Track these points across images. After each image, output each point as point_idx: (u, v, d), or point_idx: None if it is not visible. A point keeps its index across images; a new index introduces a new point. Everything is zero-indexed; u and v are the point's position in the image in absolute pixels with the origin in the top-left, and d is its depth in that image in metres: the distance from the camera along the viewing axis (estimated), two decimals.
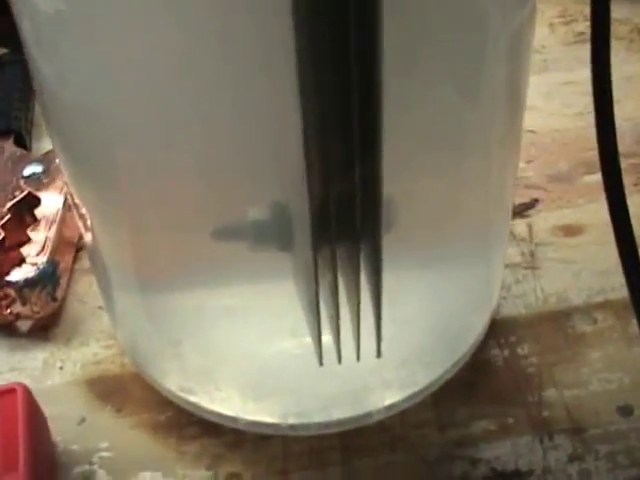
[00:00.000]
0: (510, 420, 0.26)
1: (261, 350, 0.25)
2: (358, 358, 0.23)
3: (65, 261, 0.31)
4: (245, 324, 0.25)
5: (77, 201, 0.24)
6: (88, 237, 0.25)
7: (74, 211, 0.25)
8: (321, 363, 0.23)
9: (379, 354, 0.23)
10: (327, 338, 0.23)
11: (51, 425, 0.27)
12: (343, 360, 0.23)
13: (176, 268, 0.24)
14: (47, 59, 0.21)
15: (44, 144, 0.36)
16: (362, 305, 0.22)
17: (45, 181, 0.32)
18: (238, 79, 0.18)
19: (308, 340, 0.23)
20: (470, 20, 0.19)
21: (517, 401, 0.27)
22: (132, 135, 0.21)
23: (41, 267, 0.29)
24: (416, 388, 0.26)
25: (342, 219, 0.20)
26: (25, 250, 0.30)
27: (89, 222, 0.24)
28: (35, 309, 0.29)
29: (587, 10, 0.44)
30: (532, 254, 0.31)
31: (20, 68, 0.37)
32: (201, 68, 0.18)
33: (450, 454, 0.26)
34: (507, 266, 0.30)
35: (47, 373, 0.28)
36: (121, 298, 0.27)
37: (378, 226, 0.20)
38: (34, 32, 0.21)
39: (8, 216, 0.31)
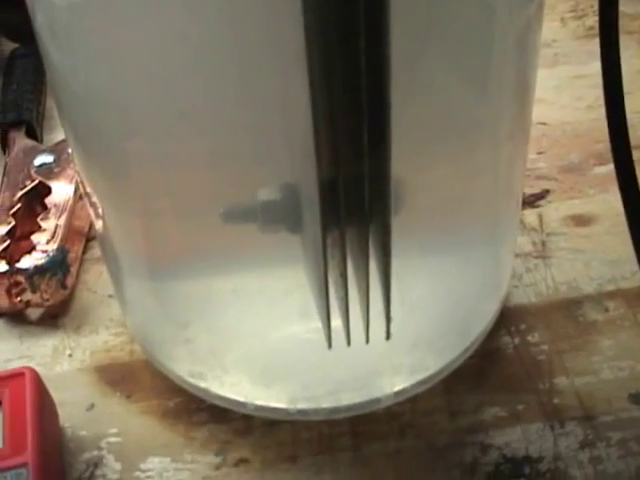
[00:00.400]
0: (521, 407, 0.26)
1: (270, 333, 0.25)
2: (367, 340, 0.23)
3: (75, 250, 0.31)
4: (254, 307, 0.25)
5: (88, 189, 0.25)
6: (99, 225, 0.26)
7: (85, 200, 0.26)
8: (330, 346, 0.23)
9: (388, 336, 0.23)
10: (337, 322, 0.23)
11: (60, 411, 0.27)
12: (352, 343, 0.23)
13: (186, 253, 0.25)
14: (61, 50, 0.22)
15: (55, 136, 0.36)
16: (371, 288, 0.22)
17: (56, 171, 0.32)
18: (247, 63, 0.19)
19: (317, 323, 0.23)
20: (479, 12, 0.19)
21: (528, 388, 0.27)
22: (143, 123, 0.21)
23: (51, 254, 0.29)
24: (426, 374, 0.26)
25: (351, 201, 0.20)
26: (35, 238, 0.30)
27: (100, 210, 0.25)
28: (45, 297, 0.29)
29: (597, 4, 0.44)
30: (543, 244, 0.31)
31: (31, 62, 0.38)
32: (211, 54, 0.19)
33: (460, 440, 0.26)
34: (518, 255, 0.30)
35: (56, 360, 0.29)
36: (131, 284, 0.27)
37: (387, 208, 0.20)
38: (48, 24, 0.21)
39: (19, 205, 0.31)
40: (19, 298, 0.30)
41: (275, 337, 0.25)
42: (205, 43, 0.19)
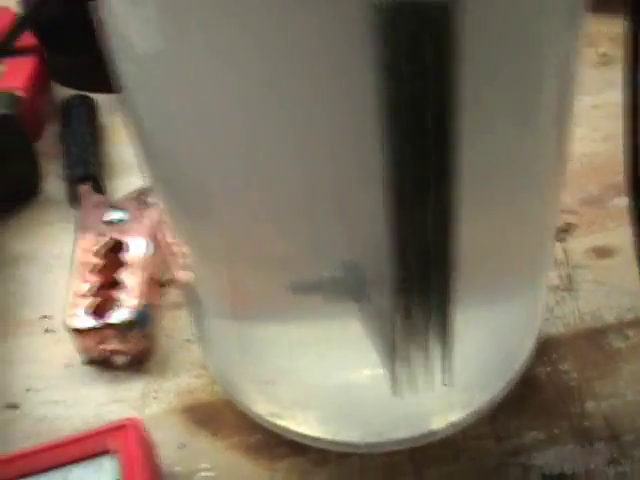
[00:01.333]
0: (556, 430, 0.31)
1: (341, 378, 0.30)
2: (432, 388, 0.28)
3: (154, 300, 0.35)
4: (327, 355, 0.29)
5: (174, 240, 0.29)
6: (183, 273, 0.30)
7: (166, 250, 0.30)
8: (395, 394, 0.28)
9: (446, 383, 0.28)
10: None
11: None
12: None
13: (265, 301, 0.29)
14: (147, 101, 0.24)
15: (116, 183, 0.40)
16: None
17: (128, 225, 0.36)
18: (326, 137, 0.22)
19: (380, 372, 0.28)
20: (525, 51, 0.22)
21: (561, 413, 0.32)
22: (229, 178, 0.24)
23: (137, 310, 0.33)
24: (475, 407, 0.31)
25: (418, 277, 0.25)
26: (117, 293, 0.34)
27: (186, 258, 0.29)
28: (130, 346, 0.34)
29: (610, 31, 0.48)
30: (569, 277, 0.35)
31: (86, 110, 0.41)
32: (301, 119, 0.21)
33: (506, 462, 0.31)
34: (548, 289, 0.34)
35: (145, 403, 0.33)
36: (214, 327, 0.31)
37: (449, 275, 0.25)
38: (133, 75, 0.24)
39: (99, 259, 0.35)
40: (105, 346, 0.34)
41: (346, 382, 0.30)
42: (294, 108, 0.21)
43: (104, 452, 0.30)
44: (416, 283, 0.25)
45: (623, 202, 0.37)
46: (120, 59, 0.24)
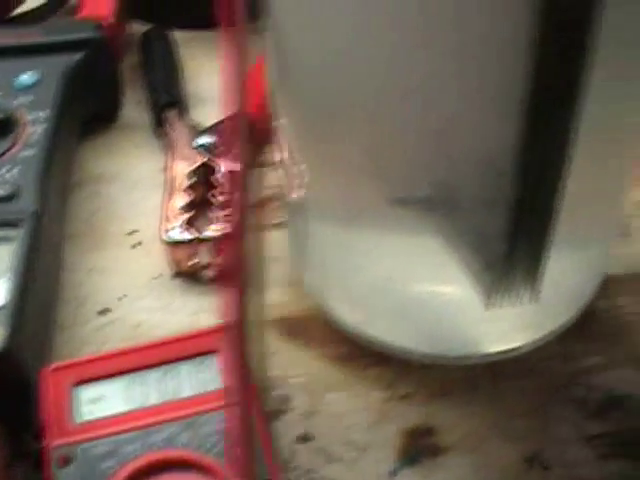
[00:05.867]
0: (616, 355, 0.36)
1: (433, 293, 0.34)
2: (519, 305, 0.32)
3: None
4: (419, 270, 0.33)
5: (295, 157, 0.33)
6: (297, 190, 0.34)
7: (284, 168, 0.34)
8: (487, 308, 0.32)
9: (534, 301, 0.32)
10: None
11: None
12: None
13: (366, 213, 0.33)
14: (292, 18, 0.28)
15: (197, 112, 0.44)
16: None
17: (218, 150, 0.40)
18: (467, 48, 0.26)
19: (469, 288, 0.32)
20: None
21: (621, 341, 0.37)
22: (360, 90, 0.28)
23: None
24: (549, 329, 0.36)
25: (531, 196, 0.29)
26: (211, 210, 0.38)
27: (304, 175, 0.33)
28: (220, 261, 0.38)
29: None
30: (625, 225, 0.40)
31: (165, 43, 0.45)
32: (437, 45, 0.25)
33: (572, 381, 0.36)
34: None
35: None
36: (316, 241, 0.35)
37: (557, 200, 0.29)
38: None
39: (193, 179, 0.39)
40: (196, 260, 0.38)
41: (436, 295, 0.34)
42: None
43: (208, 352, 0.34)
44: (528, 203, 0.29)
45: None
46: None
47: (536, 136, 0.27)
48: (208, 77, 0.45)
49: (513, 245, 0.31)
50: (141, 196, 0.41)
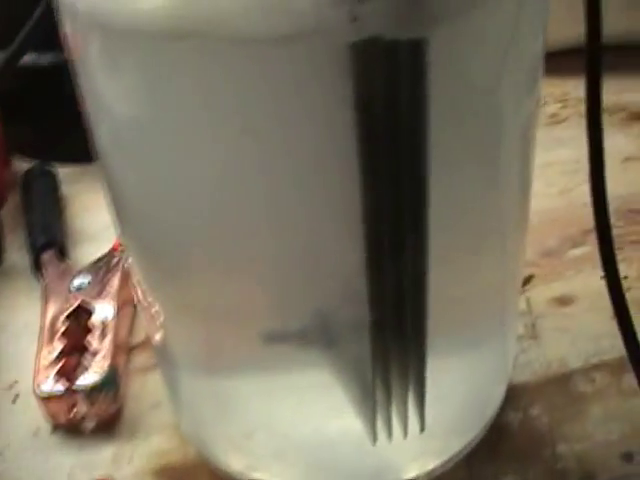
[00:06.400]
0: (531, 473, 0.33)
1: (318, 430, 0.31)
2: (405, 436, 0.30)
3: (122, 364, 0.37)
4: (301, 407, 0.31)
5: (149, 299, 0.30)
6: (157, 333, 0.32)
7: (142, 310, 0.32)
8: (374, 442, 0.30)
9: (422, 429, 0.30)
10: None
11: None
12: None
13: (236, 355, 0.30)
14: (126, 165, 0.26)
15: (80, 252, 0.42)
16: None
17: (95, 291, 0.38)
18: (300, 189, 0.24)
19: (355, 421, 0.30)
20: (488, 113, 0.25)
21: (535, 456, 0.34)
22: (206, 236, 0.26)
23: (104, 373, 0.35)
24: (450, 454, 0.33)
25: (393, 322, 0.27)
26: (85, 358, 0.36)
27: (160, 318, 0.31)
28: (100, 411, 0.35)
29: (557, 92, 0.53)
30: (533, 325, 0.38)
31: (49, 180, 0.44)
32: (274, 183, 0.24)
33: None
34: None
35: (118, 466, 0.35)
36: (188, 387, 0.33)
37: (424, 323, 0.27)
38: (111, 138, 0.26)
39: (66, 325, 0.37)
40: (75, 411, 0.36)
41: (321, 432, 0.31)
42: (269, 175, 0.24)
43: None
44: (391, 329, 0.27)
45: (580, 252, 0.41)
46: (97, 122, 0.26)
47: (380, 254, 0.25)
48: (93, 213, 0.45)
49: (385, 370, 0.29)
50: (24, 345, 0.39)
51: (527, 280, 0.40)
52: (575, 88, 0.50)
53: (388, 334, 0.27)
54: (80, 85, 0.26)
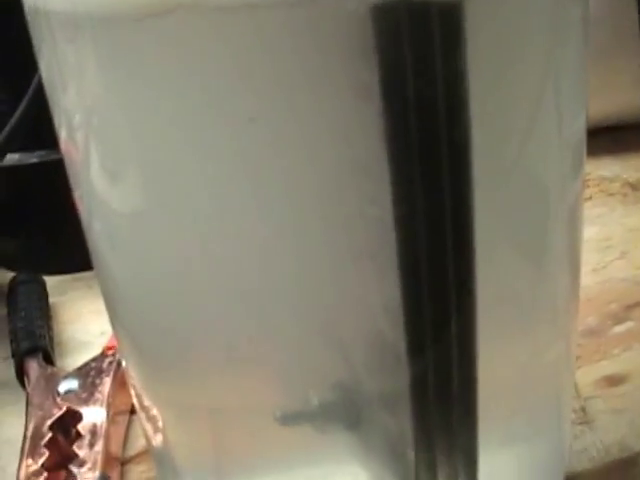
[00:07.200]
0: None
1: None
2: None
3: (114, 476, 0.32)
4: None
5: (147, 403, 0.27)
6: (157, 440, 0.27)
7: (140, 416, 0.28)
8: None
9: None
10: None
11: None
12: None
13: (248, 455, 0.27)
14: (120, 259, 0.24)
15: (67, 360, 0.39)
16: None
17: (83, 396, 0.34)
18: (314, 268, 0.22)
19: None
20: (534, 196, 0.23)
21: None
22: (208, 330, 0.24)
23: None
24: None
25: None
26: (74, 467, 0.31)
27: (159, 422, 0.27)
28: None
29: (588, 172, 0.50)
30: (583, 409, 0.33)
31: (34, 287, 0.41)
32: (277, 259, 0.21)
33: None
34: None
35: None
36: None
37: (474, 400, 0.23)
38: (107, 232, 0.24)
39: (50, 434, 0.33)
40: None
41: None
42: (270, 256, 0.21)
43: None
44: (435, 390, 0.23)
45: (624, 328, 0.37)
46: (91, 218, 0.24)
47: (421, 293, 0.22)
48: (82, 322, 0.42)
49: (428, 451, 0.24)
50: (6, 460, 0.35)
51: None
52: (596, 168, 0.48)
53: (429, 401, 0.23)
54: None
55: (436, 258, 0.20)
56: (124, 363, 0.28)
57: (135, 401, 0.28)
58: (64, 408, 0.33)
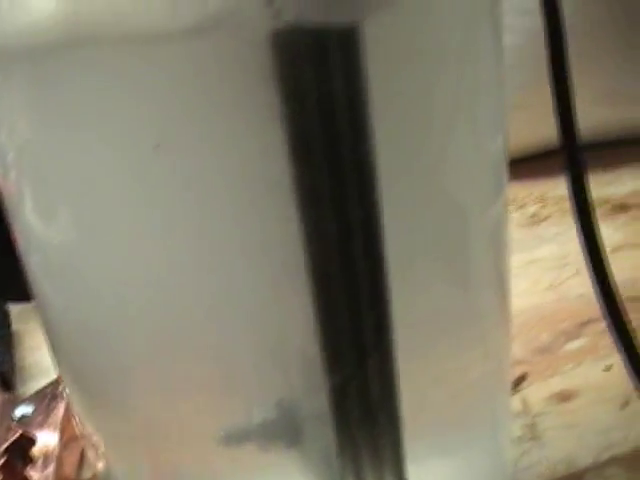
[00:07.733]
0: None
1: None
2: None
3: None
4: None
5: (88, 430, 0.27)
6: (100, 464, 0.28)
7: (85, 442, 0.28)
8: None
9: None
10: None
11: None
12: None
13: (192, 472, 0.27)
14: (58, 290, 0.24)
15: (29, 386, 0.39)
16: None
17: (38, 420, 0.34)
18: (245, 286, 0.22)
19: None
20: (453, 215, 0.23)
21: None
22: (141, 357, 0.24)
23: None
24: None
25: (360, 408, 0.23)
26: None
27: (101, 448, 0.27)
28: None
29: (535, 193, 0.51)
30: (532, 425, 0.34)
31: None
32: (204, 283, 0.22)
33: None
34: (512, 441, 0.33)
35: None
36: None
37: (397, 415, 0.23)
38: (43, 264, 0.24)
39: (4, 458, 0.33)
40: None
41: None
42: (205, 275, 0.22)
43: None
44: (361, 423, 0.24)
45: (576, 345, 0.38)
46: (28, 250, 0.24)
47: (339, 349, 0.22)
48: (44, 350, 0.41)
49: (354, 463, 0.25)
50: None
51: (520, 379, 0.36)
52: (553, 188, 0.49)
53: (354, 416, 0.24)
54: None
55: (348, 279, 0.21)
56: (67, 390, 0.28)
57: (78, 428, 0.29)
58: (18, 432, 0.34)
